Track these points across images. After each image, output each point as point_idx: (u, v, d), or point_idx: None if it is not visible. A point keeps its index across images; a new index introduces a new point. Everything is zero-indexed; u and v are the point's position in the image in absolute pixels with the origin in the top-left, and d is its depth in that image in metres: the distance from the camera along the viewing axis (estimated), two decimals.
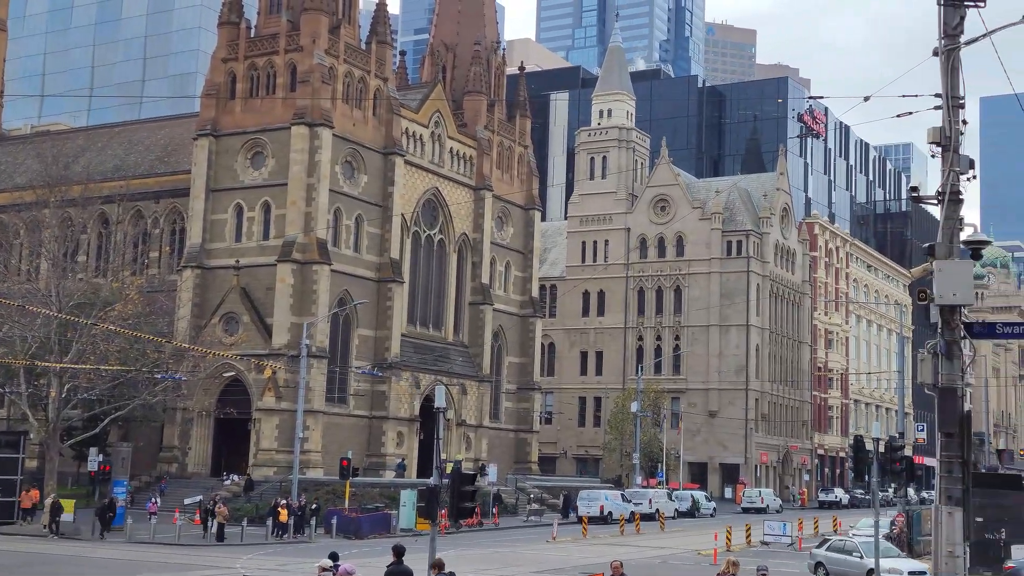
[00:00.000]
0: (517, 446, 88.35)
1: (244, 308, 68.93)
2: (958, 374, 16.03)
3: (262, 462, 66.52)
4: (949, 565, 15.50)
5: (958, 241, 16.48)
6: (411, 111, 78.23)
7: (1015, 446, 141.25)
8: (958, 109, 16.47)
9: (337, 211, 71.19)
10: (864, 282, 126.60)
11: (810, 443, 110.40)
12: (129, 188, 75.85)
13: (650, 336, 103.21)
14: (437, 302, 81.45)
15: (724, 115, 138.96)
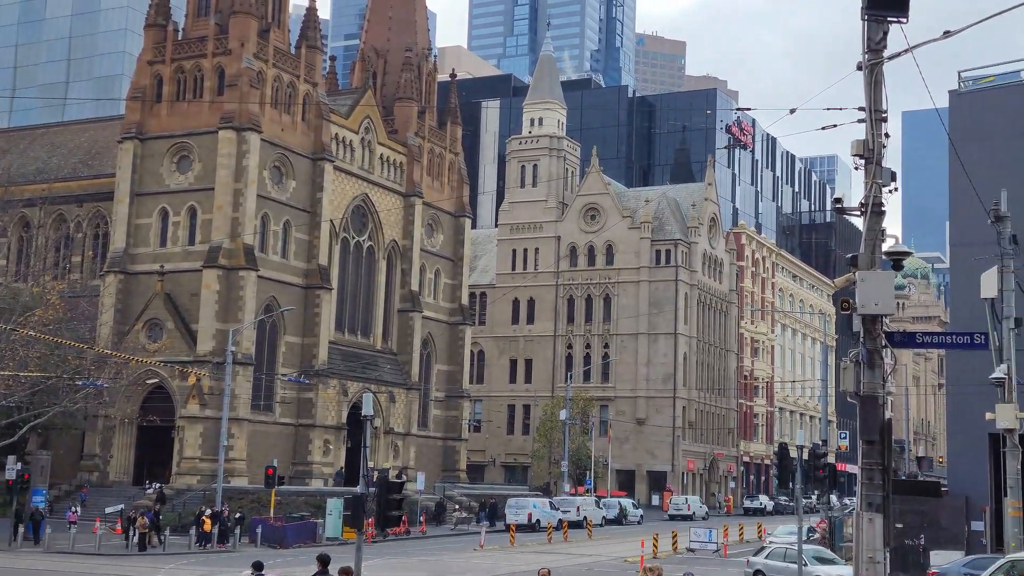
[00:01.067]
0: (445, 454, 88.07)
1: (168, 314, 67.90)
2: (879, 382, 16.24)
3: (185, 470, 65.51)
4: (870, 571, 15.68)
5: (880, 252, 16.70)
6: (341, 116, 77.73)
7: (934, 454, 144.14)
8: (881, 123, 16.71)
9: (265, 217, 70.45)
10: (789, 292, 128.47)
11: (736, 450, 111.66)
12: (52, 191, 74.38)
13: (579, 344, 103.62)
14: (366, 309, 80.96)
15: (654, 125, 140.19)
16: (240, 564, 42.70)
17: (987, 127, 41.30)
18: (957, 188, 39.46)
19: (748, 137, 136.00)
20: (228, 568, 40.06)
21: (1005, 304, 24.61)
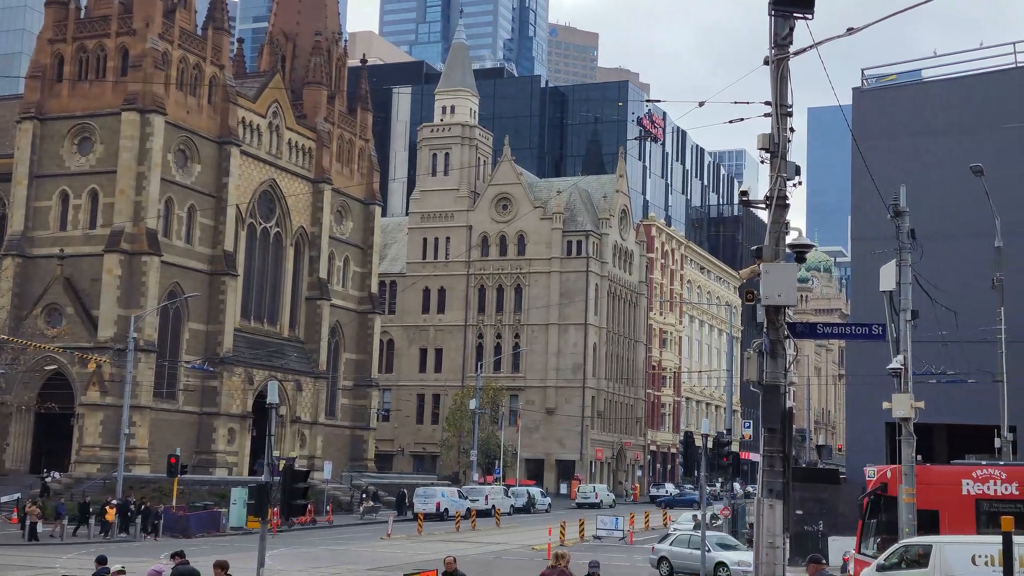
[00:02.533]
0: (353, 443, 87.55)
1: (68, 299, 66.33)
2: (781, 372, 16.49)
3: (85, 459, 64.15)
4: (769, 556, 15.94)
5: (784, 245, 16.94)
6: (248, 100, 76.60)
7: (834, 442, 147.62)
8: (786, 117, 16.95)
9: (169, 201, 69.17)
10: (697, 283, 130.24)
11: (643, 439, 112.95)
12: None
13: (490, 334, 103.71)
14: (273, 297, 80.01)
15: (566, 116, 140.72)
16: (140, 554, 41.98)
17: (889, 124, 42.30)
18: (859, 184, 40.35)
19: (659, 130, 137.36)
20: (129, 557, 39.28)
21: (903, 297, 25.19)
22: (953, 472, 27.33)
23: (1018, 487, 25.58)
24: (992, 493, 25.68)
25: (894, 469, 27.24)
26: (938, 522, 25.82)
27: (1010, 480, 25.73)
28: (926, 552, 23.05)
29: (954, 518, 25.88)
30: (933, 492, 26.17)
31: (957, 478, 26.53)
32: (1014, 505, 25.10)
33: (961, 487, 26.14)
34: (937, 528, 25.61)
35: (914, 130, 41.88)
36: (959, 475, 26.64)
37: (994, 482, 25.76)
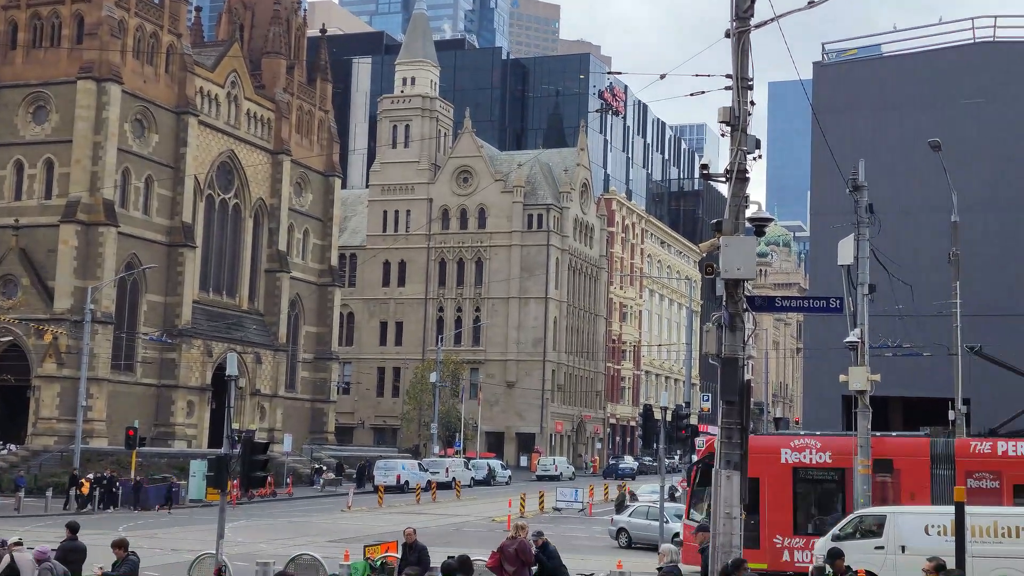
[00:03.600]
0: (313, 416, 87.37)
1: (24, 270, 65.52)
2: (740, 345, 16.63)
3: (42, 431, 63.61)
4: (727, 526, 16.13)
5: (743, 218, 17.04)
6: (206, 70, 75.74)
7: (791, 415, 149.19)
8: (747, 90, 17.00)
9: (126, 171, 68.39)
10: (658, 258, 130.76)
11: (603, 412, 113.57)
12: None
13: (451, 307, 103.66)
14: (231, 269, 79.44)
15: (528, 88, 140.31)
16: (97, 527, 41.75)
17: (848, 99, 42.60)
18: (818, 158, 40.64)
19: (620, 103, 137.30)
20: (87, 530, 39.09)
21: (860, 271, 25.44)
22: (773, 442, 29.01)
23: (831, 456, 27.15)
24: (808, 462, 27.37)
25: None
26: (759, 488, 27.01)
27: (824, 449, 27.37)
28: (880, 522, 23.44)
29: (773, 485, 27.43)
30: (754, 461, 26.24)
31: (776, 447, 28.10)
32: (827, 472, 27.32)
33: (780, 456, 27.75)
34: (757, 494, 26.78)
35: (874, 105, 42.21)
36: (778, 445, 28.21)
37: (809, 451, 27.48)
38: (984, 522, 21.98)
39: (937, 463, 26.62)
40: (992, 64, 42.18)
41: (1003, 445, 26.54)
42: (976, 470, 26.18)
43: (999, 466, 26.11)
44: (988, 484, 25.87)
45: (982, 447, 26.73)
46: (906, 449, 27.47)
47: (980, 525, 21.69)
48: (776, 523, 27.33)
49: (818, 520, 27.19)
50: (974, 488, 25.49)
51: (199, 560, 24.14)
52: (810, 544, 26.12)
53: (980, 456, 26.45)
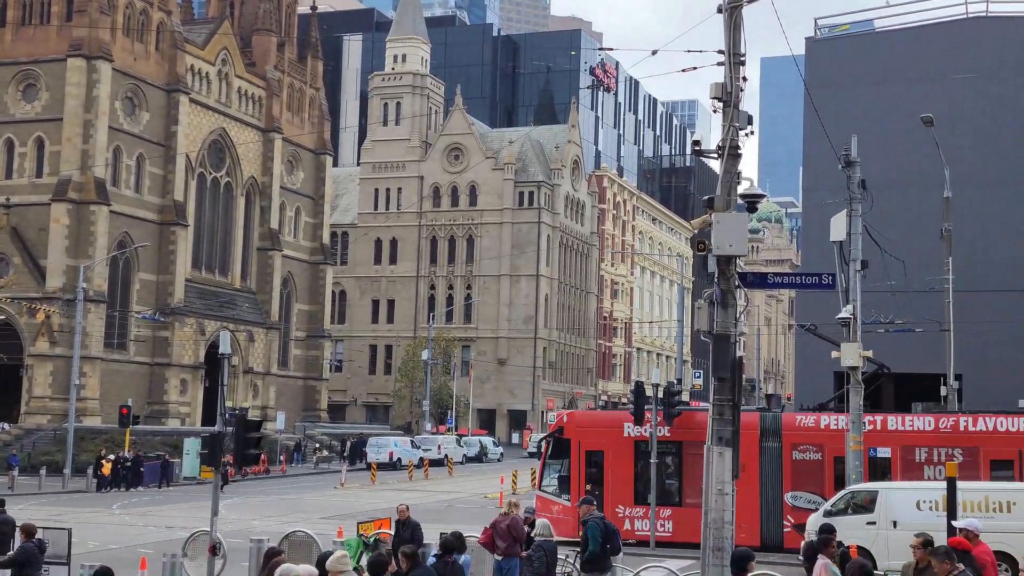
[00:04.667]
0: (306, 394, 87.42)
1: (15, 249, 65.32)
2: (732, 322, 16.68)
3: (35, 410, 63.60)
4: (719, 502, 16.21)
5: (735, 194, 17.07)
6: (197, 47, 75.34)
7: (783, 391, 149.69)
8: (739, 66, 17.00)
9: (117, 149, 68.10)
10: (649, 234, 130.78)
11: (594, 389, 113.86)
12: None
13: (442, 285, 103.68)
14: (224, 247, 79.27)
15: (518, 65, 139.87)
16: (94, 504, 41.86)
17: (841, 74, 42.58)
18: (811, 134, 40.66)
19: (611, 79, 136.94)
20: (82, 508, 39.22)
21: (853, 247, 25.50)
22: (616, 416, 30.79)
23: (670, 430, 28.64)
24: (649, 435, 28.62)
25: (569, 414, 32.17)
26: (603, 461, 29.18)
27: (663, 424, 28.80)
28: (872, 498, 23.58)
29: (616, 457, 29.19)
30: (601, 434, 29.63)
31: (620, 422, 29.72)
32: (666, 446, 28.76)
33: (623, 430, 29.32)
34: (602, 465, 29.17)
35: (866, 80, 42.20)
36: (622, 419, 29.77)
37: (650, 425, 28.77)
38: (975, 497, 22.14)
39: (765, 436, 28.03)
40: (985, 39, 42.18)
41: (825, 419, 28.11)
42: (800, 443, 27.83)
43: (821, 439, 27.76)
44: (811, 456, 27.64)
45: (806, 421, 28.40)
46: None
47: (971, 500, 21.84)
48: (619, 493, 28.84)
49: (660, 491, 28.58)
50: (799, 460, 27.70)
51: (193, 537, 24.20)
52: (649, 514, 28.10)
53: (804, 430, 28.04)
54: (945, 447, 26.83)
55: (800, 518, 26.97)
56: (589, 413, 33.54)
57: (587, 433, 29.82)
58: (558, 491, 29.88)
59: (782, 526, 27.72)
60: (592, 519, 17.94)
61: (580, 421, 31.53)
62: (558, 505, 29.30)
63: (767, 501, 27.90)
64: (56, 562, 20.40)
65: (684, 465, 28.53)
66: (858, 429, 25.12)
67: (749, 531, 26.85)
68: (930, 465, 26.86)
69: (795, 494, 27.85)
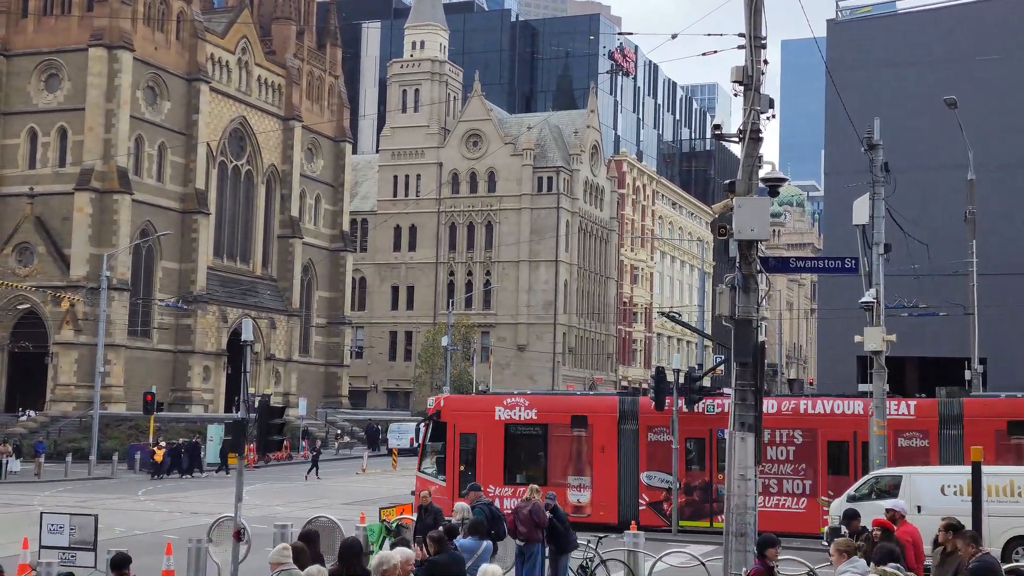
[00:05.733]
0: (327, 380, 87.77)
1: (39, 238, 65.79)
2: (754, 306, 16.64)
3: (61, 397, 64.13)
4: (741, 487, 16.21)
5: (757, 178, 17.01)
6: (217, 36, 75.51)
7: (805, 376, 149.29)
8: (760, 49, 16.93)
9: (139, 139, 68.39)
10: (669, 219, 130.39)
11: (615, 375, 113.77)
12: None
13: (461, 271, 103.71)
14: (245, 235, 79.58)
15: (537, 50, 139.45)
16: (116, 491, 42.17)
17: (863, 57, 42.29)
18: (832, 117, 40.43)
19: (630, 64, 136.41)
20: (104, 495, 39.52)
21: (875, 230, 25.35)
22: (489, 400, 31.96)
23: (536, 413, 30.15)
24: (517, 418, 30.25)
25: (446, 399, 33.63)
26: (476, 442, 30.41)
27: (531, 407, 30.35)
28: (896, 483, 23.48)
29: (487, 439, 30.36)
30: (474, 418, 30.91)
31: (491, 405, 30.94)
32: (532, 428, 30.22)
33: (495, 413, 30.53)
34: (475, 447, 30.38)
35: (888, 62, 41.92)
36: (493, 403, 31.07)
37: (519, 408, 30.37)
38: (1000, 481, 22.04)
39: (624, 419, 29.43)
40: (1008, 20, 41.81)
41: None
42: (656, 424, 29.11)
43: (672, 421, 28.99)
44: (665, 437, 28.89)
45: None
46: (599, 406, 30.35)
47: (996, 484, 21.74)
48: (490, 474, 29.93)
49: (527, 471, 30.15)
50: (654, 441, 29.11)
51: (218, 523, 24.39)
52: (518, 492, 28.45)
53: (658, 413, 29.02)
54: (787, 428, 27.99)
55: (654, 496, 28.99)
56: (464, 397, 35.83)
57: (461, 416, 31.04)
58: (436, 472, 31.06)
59: (638, 504, 28.96)
60: (479, 505, 18.39)
61: (455, 405, 32.75)
62: (435, 485, 30.18)
63: (624, 480, 29.20)
64: (83, 548, 20.62)
65: (549, 446, 30.04)
66: (882, 414, 25.03)
67: (608, 509, 28.26)
68: (774, 446, 27.85)
69: (649, 474, 29.21)
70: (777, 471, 28.00)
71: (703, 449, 29.19)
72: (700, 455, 29.27)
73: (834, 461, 27.95)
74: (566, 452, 30.09)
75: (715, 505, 27.74)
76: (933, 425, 27.14)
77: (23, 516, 30.90)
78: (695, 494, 29.09)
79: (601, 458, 29.39)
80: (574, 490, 28.84)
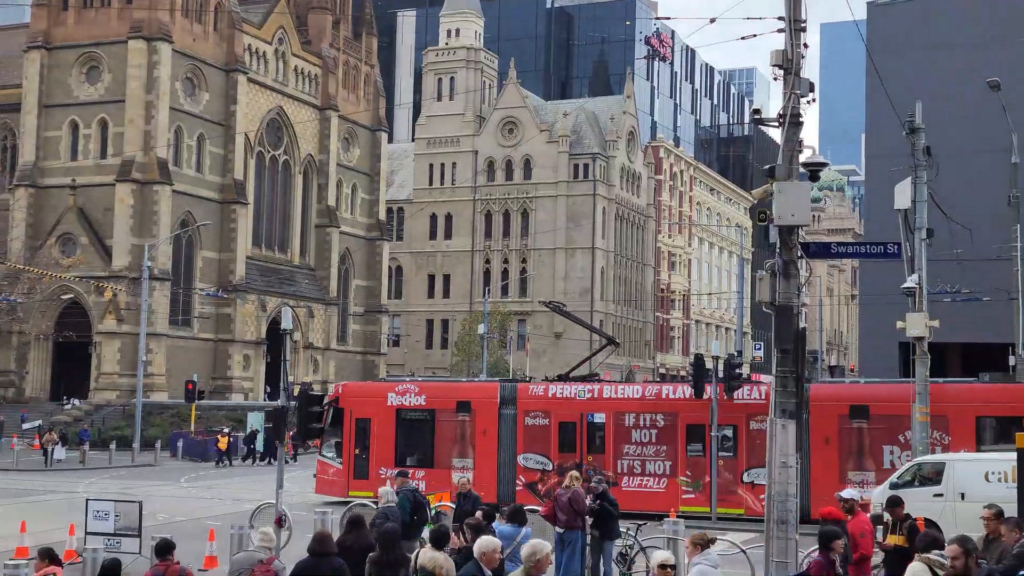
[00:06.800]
0: (365, 368, 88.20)
1: (82, 229, 66.58)
2: (794, 292, 16.52)
3: (104, 386, 64.96)
4: (782, 475, 16.12)
5: (797, 163, 16.87)
6: (254, 27, 75.89)
7: (846, 362, 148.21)
8: (800, 32, 16.77)
9: (178, 130, 68.95)
10: (707, 205, 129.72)
11: (652, 363, 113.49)
12: None
13: (497, 259, 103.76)
14: (283, 224, 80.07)
15: (572, 37, 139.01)
16: (161, 478, 42.63)
17: (904, 39, 41.80)
18: (873, 101, 40.03)
19: (667, 49, 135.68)
20: (149, 481, 39.95)
21: (918, 215, 25.07)
22: (382, 387, 33.61)
23: (426, 399, 31.70)
24: (408, 404, 31.79)
25: (344, 386, 35.06)
26: (370, 427, 31.91)
27: (420, 394, 31.96)
28: (939, 470, 23.26)
29: (380, 424, 31.86)
30: (368, 404, 32.39)
31: (384, 392, 32.48)
32: (421, 413, 31.79)
33: (387, 399, 32.06)
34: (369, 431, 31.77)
35: (930, 44, 41.41)
36: (385, 390, 32.61)
37: (410, 395, 31.95)
38: None
39: (504, 404, 30.85)
40: None
41: (552, 388, 31.14)
42: (532, 409, 30.69)
43: (548, 406, 30.69)
44: (541, 421, 30.58)
45: (536, 390, 31.41)
46: (481, 393, 31.99)
47: None
48: (382, 457, 31.66)
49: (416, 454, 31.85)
50: (531, 425, 30.59)
51: (259, 509, 24.64)
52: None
53: (535, 398, 30.94)
54: (650, 413, 29.81)
55: (530, 477, 30.49)
56: (360, 385, 37.72)
57: (357, 403, 32.58)
58: (335, 455, 32.64)
59: (515, 485, 30.46)
60: (404, 491, 18.76)
61: (351, 392, 34.26)
62: (333, 468, 32.45)
63: (503, 462, 30.71)
64: (128, 534, 20.91)
65: (436, 430, 31.54)
66: (924, 400, 24.79)
67: (488, 489, 28.87)
68: (638, 429, 29.84)
69: (526, 456, 30.72)
70: (640, 453, 29.81)
71: (575, 432, 30.56)
72: (572, 438, 30.58)
73: (692, 443, 29.53)
74: (452, 436, 31.50)
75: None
76: None
77: (69, 503, 31.32)
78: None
79: (483, 441, 30.90)
80: (458, 471, 29.24)
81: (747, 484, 29.01)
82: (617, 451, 29.96)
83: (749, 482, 28.93)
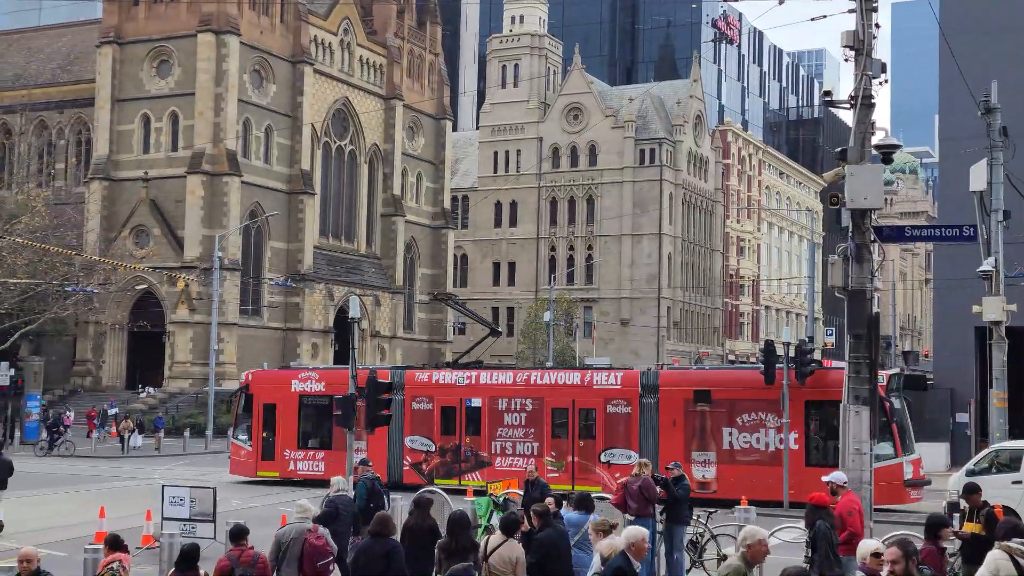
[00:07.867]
0: (431, 356, 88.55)
1: (154, 221, 67.72)
2: (867, 277, 16.32)
3: (177, 374, 66.11)
4: (856, 462, 15.95)
5: (869, 146, 16.66)
6: (319, 18, 76.48)
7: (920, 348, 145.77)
8: (871, 12, 16.53)
9: (246, 122, 69.78)
10: (776, 189, 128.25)
11: (721, 349, 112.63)
12: (31, 98, 73.58)
13: (563, 246, 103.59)
14: (349, 214, 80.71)
15: (637, 21, 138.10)
16: None
17: (978, 18, 40.88)
18: (947, 81, 39.23)
19: (734, 31, 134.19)
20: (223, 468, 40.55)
21: (994, 197, 24.58)
22: (287, 375, 35.52)
23: (325, 385, 33.48)
24: (309, 390, 34.08)
25: (254, 373, 36.82)
26: (276, 412, 34.19)
27: (320, 380, 34.06)
28: (1017, 456, 22.85)
29: (284, 409, 34.21)
30: (275, 390, 34.67)
31: (289, 379, 34.70)
32: (321, 399, 33.36)
33: (291, 386, 34.33)
34: (275, 416, 34.13)
35: (1004, 23, 40.45)
36: (290, 377, 34.90)
37: (311, 382, 34.18)
38: None
39: (393, 390, 30.85)
40: None
41: (436, 375, 33.49)
42: (418, 395, 32.86)
43: (432, 391, 32.89)
44: (425, 406, 32.68)
45: (421, 376, 33.64)
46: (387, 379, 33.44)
47: None
48: (286, 439, 34.13)
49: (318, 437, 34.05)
50: (416, 409, 32.63)
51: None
52: (310, 456, 33.73)
53: (420, 384, 33.11)
54: (520, 397, 31.75)
55: (415, 458, 32.64)
56: (268, 372, 39.74)
57: (265, 389, 34.87)
58: (246, 439, 34.99)
59: (402, 465, 32.70)
60: (363, 479, 19.24)
61: (260, 379, 36.25)
62: (244, 450, 34.85)
63: (392, 444, 32.60)
64: (203, 519, 21.28)
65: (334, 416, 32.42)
66: (1003, 386, 24.32)
67: (378, 470, 29.17)
68: (510, 413, 31.78)
69: (412, 438, 32.85)
70: (511, 435, 31.71)
71: (455, 416, 32.46)
72: (452, 421, 32.47)
73: (557, 426, 31.45)
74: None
75: (463, 465, 31.90)
76: (635, 394, 30.32)
77: (146, 489, 31.93)
78: (447, 456, 32.49)
79: None
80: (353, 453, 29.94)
81: (604, 463, 30.60)
82: (492, 433, 31.89)
83: (606, 462, 30.56)
